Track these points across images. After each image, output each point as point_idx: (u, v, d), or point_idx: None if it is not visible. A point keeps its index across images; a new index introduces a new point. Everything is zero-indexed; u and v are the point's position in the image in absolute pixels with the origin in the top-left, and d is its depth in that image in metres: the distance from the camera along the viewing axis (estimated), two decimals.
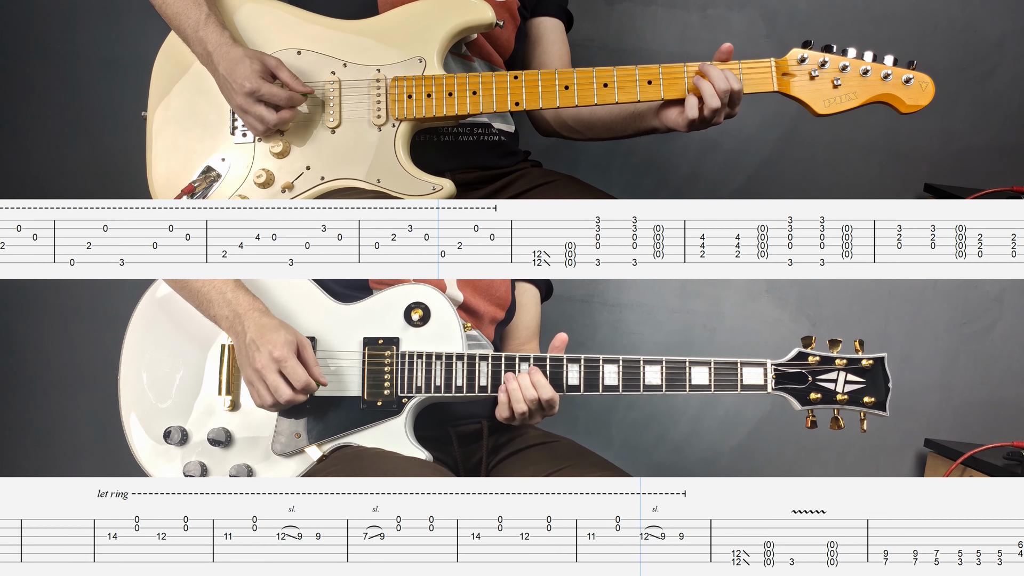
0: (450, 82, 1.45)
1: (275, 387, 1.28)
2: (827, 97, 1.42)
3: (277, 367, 1.28)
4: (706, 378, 1.31)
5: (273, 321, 1.31)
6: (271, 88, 1.42)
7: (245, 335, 1.30)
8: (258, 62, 1.42)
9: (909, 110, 1.42)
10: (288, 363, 1.28)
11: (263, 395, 1.30)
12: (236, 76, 1.41)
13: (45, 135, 2.20)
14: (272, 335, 1.29)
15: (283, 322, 1.32)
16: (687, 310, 2.17)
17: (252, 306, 1.32)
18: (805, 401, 1.31)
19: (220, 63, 1.43)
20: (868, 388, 1.31)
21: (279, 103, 1.43)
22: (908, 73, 1.41)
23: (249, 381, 1.31)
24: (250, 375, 1.30)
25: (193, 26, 1.46)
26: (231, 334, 1.34)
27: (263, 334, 1.29)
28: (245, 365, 1.31)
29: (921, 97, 1.42)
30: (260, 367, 1.28)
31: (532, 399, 1.32)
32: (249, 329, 1.30)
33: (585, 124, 1.67)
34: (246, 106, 1.43)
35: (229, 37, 1.45)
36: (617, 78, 1.43)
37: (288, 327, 1.31)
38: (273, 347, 1.28)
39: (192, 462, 1.36)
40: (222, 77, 1.44)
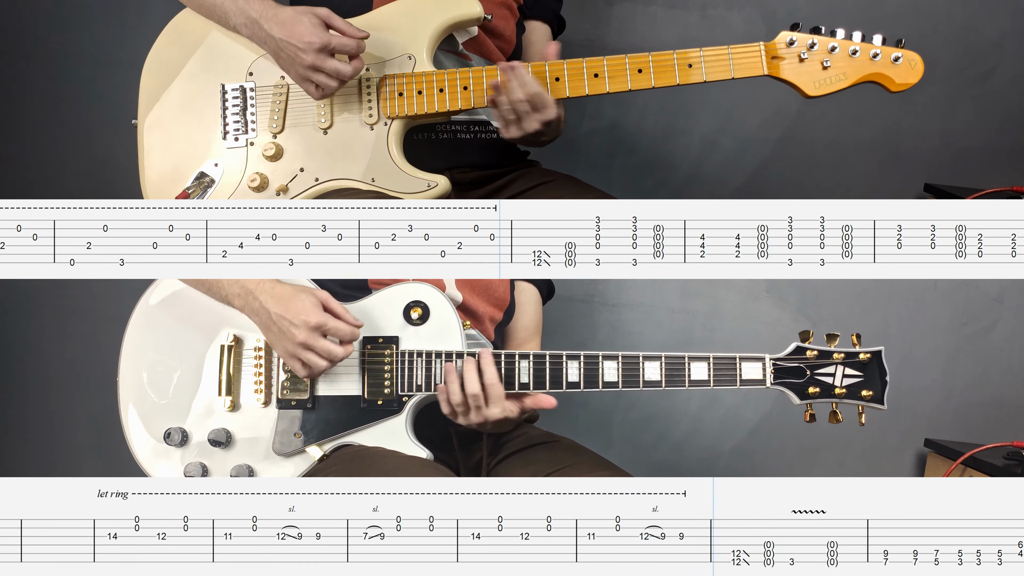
0: (440, 78, 1.45)
1: (328, 352, 1.28)
2: (817, 79, 1.41)
3: (321, 332, 1.28)
4: (705, 373, 1.31)
5: (288, 288, 1.30)
6: (339, 41, 1.36)
7: (267, 312, 1.29)
8: (314, 15, 1.35)
9: (899, 88, 1.41)
10: (329, 324, 1.28)
11: (316, 363, 1.29)
12: (299, 35, 1.34)
13: (45, 135, 2.20)
14: (296, 304, 1.28)
15: (296, 285, 1.31)
16: (687, 310, 2.17)
17: (260, 279, 1.31)
18: (803, 395, 1.31)
19: (272, 27, 1.36)
20: (866, 382, 1.31)
21: (350, 51, 1.37)
22: (897, 52, 1.40)
23: (292, 356, 1.29)
24: (293, 350, 1.29)
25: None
26: (248, 312, 1.33)
27: (287, 306, 1.28)
28: (282, 341, 1.29)
29: (911, 75, 1.41)
30: (303, 340, 1.27)
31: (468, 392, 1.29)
32: (268, 304, 1.29)
33: None
34: (319, 63, 1.36)
35: (271, 1, 1.39)
36: (607, 68, 1.42)
37: (305, 289, 1.31)
38: (307, 315, 1.27)
39: (193, 463, 1.36)
40: (279, 42, 1.37)
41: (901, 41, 1.40)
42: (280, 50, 1.38)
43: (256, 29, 1.39)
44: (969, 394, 2.16)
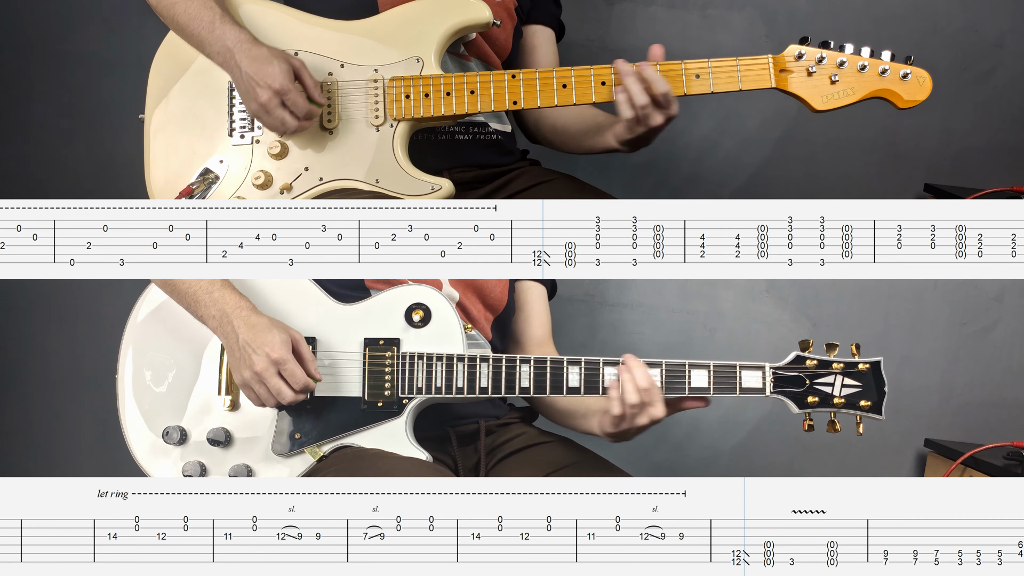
0: (448, 82, 1.45)
1: (277, 390, 1.28)
2: (825, 93, 1.42)
3: (276, 369, 1.27)
4: (705, 381, 1.31)
5: (264, 320, 1.30)
6: (296, 96, 1.39)
7: (236, 336, 1.29)
8: (286, 62, 1.39)
9: (907, 105, 1.41)
10: (287, 365, 1.27)
11: (264, 397, 1.29)
12: (264, 74, 1.37)
13: (45, 135, 2.20)
14: (266, 335, 1.27)
15: (274, 320, 1.31)
16: (687, 310, 2.17)
17: (239, 304, 1.31)
18: (802, 404, 1.31)
19: (243, 60, 1.39)
20: (864, 392, 1.31)
21: (299, 113, 1.41)
22: (905, 68, 1.40)
23: (245, 384, 1.30)
24: (247, 378, 1.28)
25: (208, 26, 1.42)
26: (220, 335, 1.32)
27: (256, 335, 1.28)
28: (240, 367, 1.29)
29: (919, 92, 1.41)
30: (260, 370, 1.27)
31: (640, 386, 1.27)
32: (240, 330, 1.28)
33: (559, 134, 1.65)
34: (270, 106, 1.39)
35: (249, 34, 1.41)
36: (615, 76, 1.42)
37: (280, 324, 1.30)
38: (271, 348, 1.27)
39: (191, 462, 1.36)
40: (245, 75, 1.39)
41: (910, 58, 1.41)
42: (242, 82, 1.41)
43: (228, 58, 1.42)
44: (969, 394, 2.15)
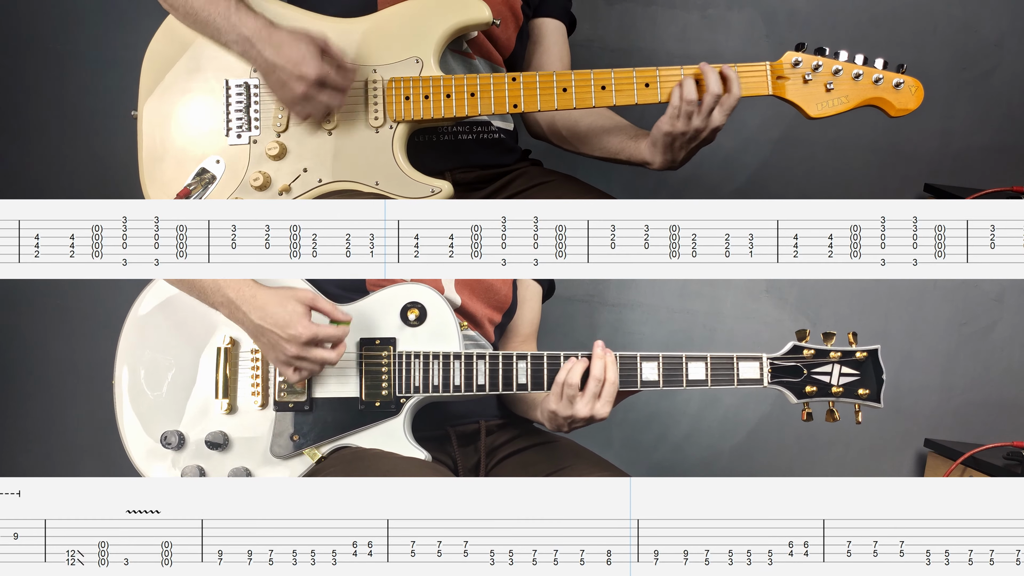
0: (448, 83, 1.44)
1: (322, 359, 1.29)
2: (820, 100, 1.43)
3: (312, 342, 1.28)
4: (703, 373, 1.31)
5: (269, 296, 1.30)
6: (334, 77, 1.35)
7: (252, 323, 1.30)
8: (312, 44, 1.33)
9: (898, 114, 1.43)
10: (320, 333, 1.28)
11: (311, 370, 1.31)
12: (296, 64, 1.32)
13: (45, 135, 2.20)
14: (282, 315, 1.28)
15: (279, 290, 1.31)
16: (687, 310, 2.17)
17: (241, 285, 1.30)
18: (801, 394, 1.32)
19: (266, 49, 1.35)
20: (862, 380, 1.31)
21: (343, 87, 1.36)
22: (899, 77, 1.42)
23: (285, 365, 1.31)
24: (287, 360, 1.30)
25: (224, 14, 1.38)
26: (235, 321, 1.33)
27: (273, 317, 1.28)
28: (273, 352, 1.30)
29: (911, 101, 1.43)
30: (296, 353, 1.28)
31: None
32: (252, 315, 1.29)
33: (580, 138, 1.64)
34: (310, 94, 1.35)
35: (265, 20, 1.38)
36: (615, 80, 1.42)
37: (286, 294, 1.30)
38: (297, 330, 1.27)
39: (190, 465, 1.35)
40: (268, 63, 1.35)
41: (903, 67, 1.42)
42: (269, 71, 1.37)
43: (248, 47, 1.38)
44: (969, 394, 2.15)
